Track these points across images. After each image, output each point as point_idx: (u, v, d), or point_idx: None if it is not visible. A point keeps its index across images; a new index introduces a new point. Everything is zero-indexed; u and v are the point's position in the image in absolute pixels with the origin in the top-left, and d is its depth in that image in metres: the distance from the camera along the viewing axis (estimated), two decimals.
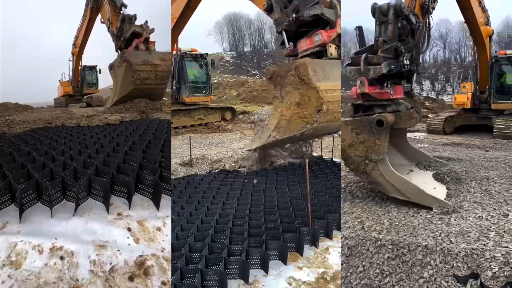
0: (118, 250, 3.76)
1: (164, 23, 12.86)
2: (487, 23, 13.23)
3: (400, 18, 5.62)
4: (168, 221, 4.50)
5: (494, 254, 3.85)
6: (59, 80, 24.61)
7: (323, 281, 4.11)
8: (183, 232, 4.84)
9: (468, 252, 3.94)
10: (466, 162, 7.65)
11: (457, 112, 15.45)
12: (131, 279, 3.52)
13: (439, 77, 57.31)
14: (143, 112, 13.88)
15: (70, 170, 5.21)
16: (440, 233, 4.46)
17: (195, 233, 4.78)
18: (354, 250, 4.45)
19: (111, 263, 3.61)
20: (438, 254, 4.03)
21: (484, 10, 12.98)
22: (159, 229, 4.32)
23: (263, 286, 4.02)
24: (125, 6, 14.43)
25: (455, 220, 4.87)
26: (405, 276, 3.99)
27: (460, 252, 3.96)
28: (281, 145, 8.31)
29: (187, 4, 11.67)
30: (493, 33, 13.68)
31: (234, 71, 60.26)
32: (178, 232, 4.80)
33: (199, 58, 18.55)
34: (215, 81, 36.63)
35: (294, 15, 7.30)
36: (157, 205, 4.79)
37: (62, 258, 3.57)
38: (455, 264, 3.90)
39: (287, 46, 7.61)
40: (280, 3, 7.58)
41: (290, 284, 4.05)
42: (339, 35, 7.14)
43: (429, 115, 18.83)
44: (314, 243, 4.89)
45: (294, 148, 9.01)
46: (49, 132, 9.34)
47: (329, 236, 5.14)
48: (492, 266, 3.75)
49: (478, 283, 3.73)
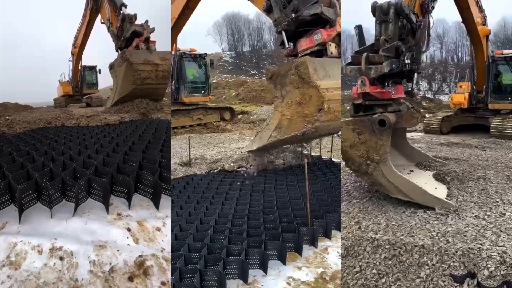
0: (118, 250, 3.77)
1: (164, 23, 12.82)
2: (484, 23, 13.23)
3: (400, 17, 5.56)
4: (167, 221, 4.50)
5: (491, 253, 3.87)
6: (59, 80, 24.56)
7: (322, 281, 4.13)
8: (182, 232, 4.85)
9: (465, 252, 3.96)
10: (463, 161, 7.66)
11: (454, 112, 15.45)
12: (130, 279, 3.53)
13: (436, 77, 57.35)
14: (144, 114, 13.78)
15: (70, 170, 5.22)
16: (437, 233, 4.47)
17: (194, 233, 4.78)
18: (350, 250, 4.46)
19: (110, 263, 3.61)
20: (435, 254, 4.05)
21: (481, 10, 13.00)
22: (158, 229, 4.32)
23: (262, 286, 4.03)
24: (125, 6, 14.35)
25: (452, 219, 4.88)
26: (402, 276, 4.00)
27: (457, 252, 3.98)
28: (282, 145, 8.29)
29: (186, 4, 11.67)
30: (490, 33, 13.65)
31: (233, 71, 60.30)
32: (177, 232, 4.81)
33: (198, 58, 18.56)
34: (214, 81, 36.66)
35: (293, 15, 7.30)
36: (156, 205, 4.80)
37: (61, 259, 3.58)
38: (452, 264, 3.92)
39: (287, 46, 7.60)
40: (280, 3, 7.58)
41: (289, 284, 4.06)
42: (339, 34, 7.14)
43: (426, 115, 18.83)
44: (313, 243, 4.91)
45: (293, 149, 9.03)
46: (48, 132, 9.34)
47: (328, 236, 5.16)
48: (488, 265, 3.77)
49: (475, 282, 3.75)
